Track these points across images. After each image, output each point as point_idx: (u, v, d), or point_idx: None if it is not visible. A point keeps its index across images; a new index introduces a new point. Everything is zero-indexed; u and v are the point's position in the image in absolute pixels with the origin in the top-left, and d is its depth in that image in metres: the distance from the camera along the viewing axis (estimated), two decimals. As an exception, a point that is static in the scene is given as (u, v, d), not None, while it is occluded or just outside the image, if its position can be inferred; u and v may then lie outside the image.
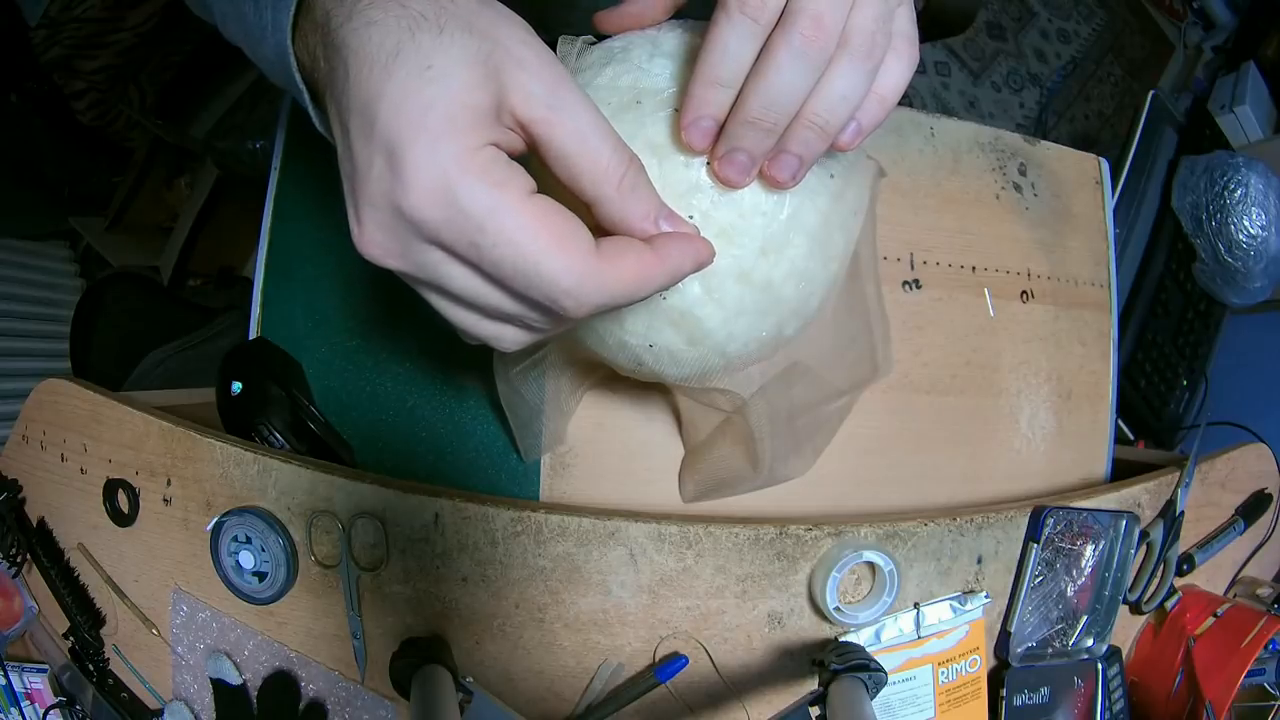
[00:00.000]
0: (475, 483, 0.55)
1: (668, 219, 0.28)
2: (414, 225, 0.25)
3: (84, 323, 1.26)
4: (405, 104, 0.24)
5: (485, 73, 0.25)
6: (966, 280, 0.63)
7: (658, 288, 0.28)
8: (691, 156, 0.32)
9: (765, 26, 0.28)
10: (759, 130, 0.29)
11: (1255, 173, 0.94)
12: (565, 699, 0.50)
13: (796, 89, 0.28)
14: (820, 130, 0.29)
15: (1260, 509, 0.71)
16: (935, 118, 0.64)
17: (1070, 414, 0.67)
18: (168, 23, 1.30)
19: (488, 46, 0.25)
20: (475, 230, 0.24)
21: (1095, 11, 2.15)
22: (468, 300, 0.27)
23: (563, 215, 0.26)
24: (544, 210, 0.25)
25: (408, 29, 0.24)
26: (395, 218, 0.25)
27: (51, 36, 1.21)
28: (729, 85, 0.29)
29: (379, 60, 0.24)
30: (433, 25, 0.25)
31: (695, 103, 0.30)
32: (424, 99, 0.24)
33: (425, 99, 0.24)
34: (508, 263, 0.25)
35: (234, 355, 0.56)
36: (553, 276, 0.25)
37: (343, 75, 0.25)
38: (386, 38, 0.24)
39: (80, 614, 0.56)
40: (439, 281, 0.27)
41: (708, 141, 0.31)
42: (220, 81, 1.58)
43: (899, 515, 0.53)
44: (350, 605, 0.48)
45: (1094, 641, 0.60)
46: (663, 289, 0.28)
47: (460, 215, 0.24)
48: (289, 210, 0.57)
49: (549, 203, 0.26)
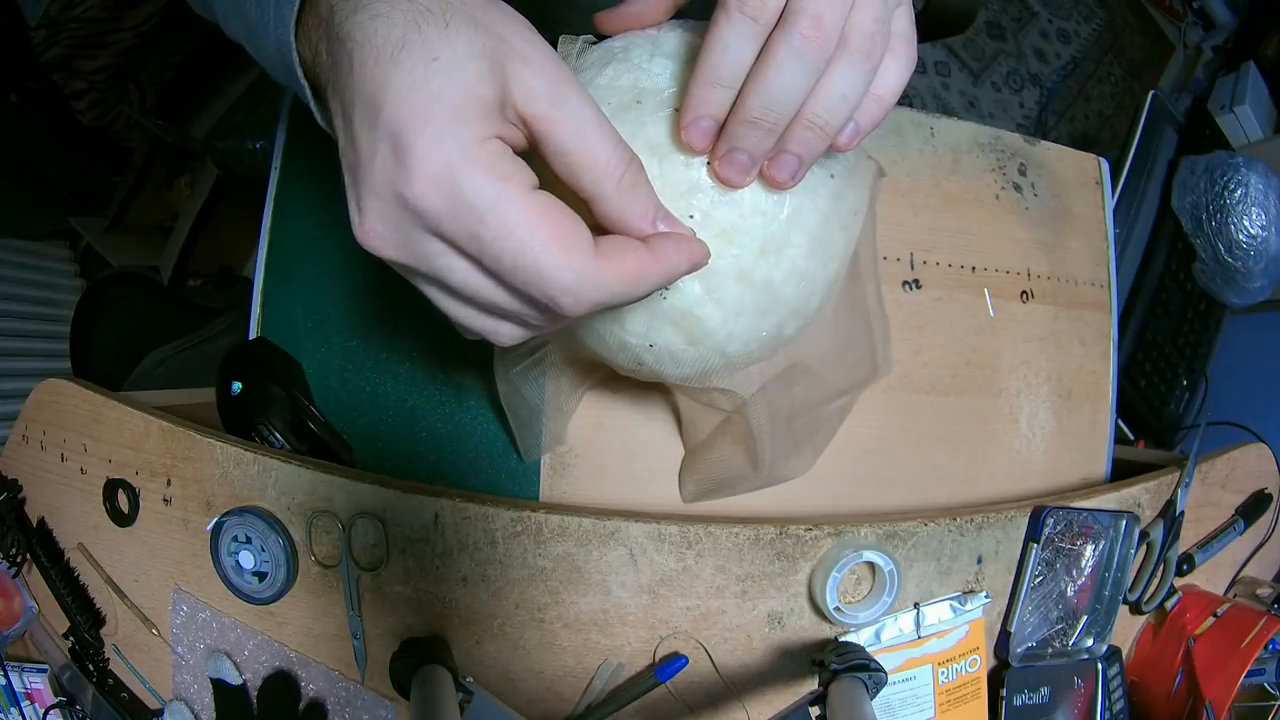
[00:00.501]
0: (475, 483, 0.55)
1: (665, 220, 0.29)
2: (416, 215, 0.25)
3: (84, 323, 1.26)
4: (411, 94, 0.24)
5: (490, 66, 0.25)
6: (966, 280, 0.63)
7: (653, 287, 0.28)
8: (691, 156, 0.32)
9: (765, 26, 0.28)
10: (759, 130, 0.29)
11: (1255, 173, 0.94)
12: (565, 699, 0.50)
13: (796, 89, 0.28)
14: (820, 130, 0.29)
15: (1260, 509, 0.71)
16: (935, 118, 0.64)
17: (1070, 414, 0.67)
18: (168, 23, 1.30)
19: (493, 42, 0.25)
20: (477, 222, 0.24)
21: (1095, 11, 2.15)
22: (466, 294, 0.27)
23: (564, 212, 0.26)
24: (546, 206, 0.25)
25: (414, 22, 0.25)
26: (398, 207, 0.25)
27: (51, 36, 1.21)
28: (729, 85, 0.29)
29: (385, 52, 0.24)
30: (439, 19, 0.25)
31: (695, 102, 0.30)
32: (431, 90, 0.24)
33: (432, 90, 0.24)
34: (508, 257, 0.25)
35: (234, 355, 0.56)
36: (552, 273, 0.25)
37: (347, 67, 0.25)
38: (393, 30, 0.25)
39: (80, 614, 0.56)
40: (438, 274, 0.27)
41: (708, 141, 0.31)
42: (220, 81, 1.58)
43: (899, 515, 0.53)
44: (350, 605, 0.48)
45: (1094, 641, 0.60)
46: (659, 289, 0.29)
47: (463, 206, 0.24)
48: (289, 210, 0.57)
49: (551, 199, 0.26)
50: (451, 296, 0.28)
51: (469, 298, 0.27)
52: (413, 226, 0.25)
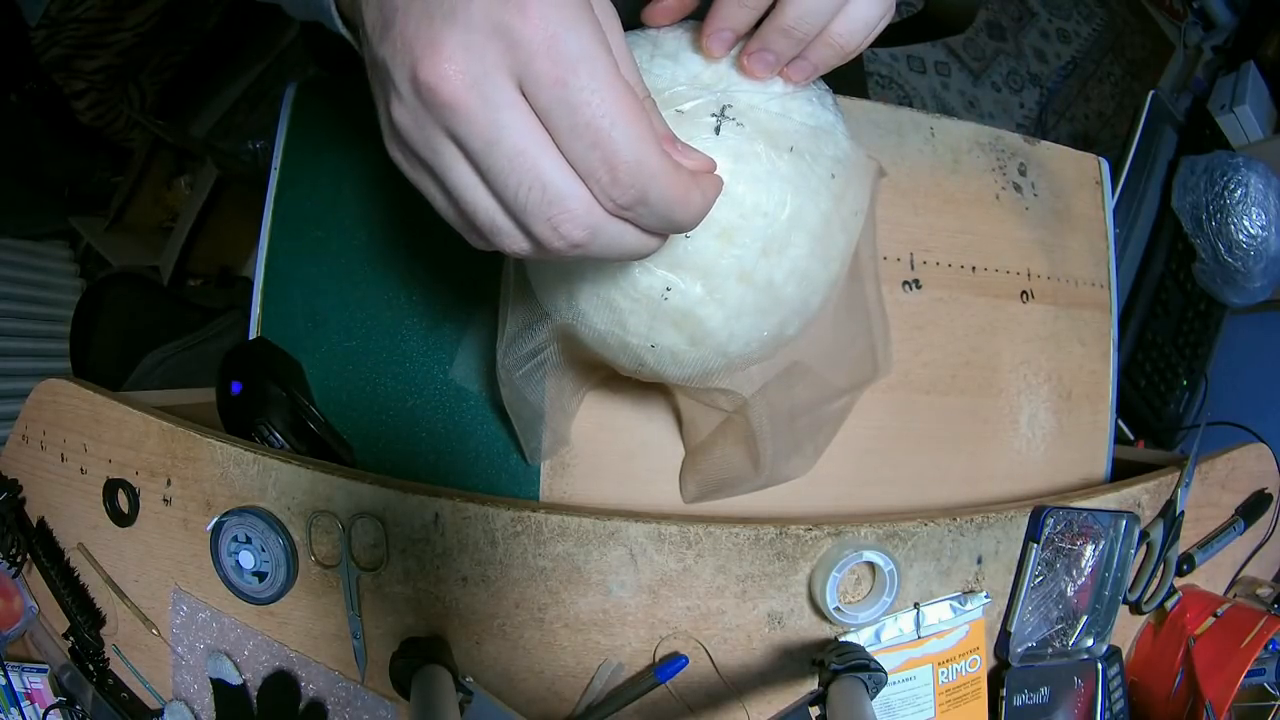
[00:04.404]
0: (475, 483, 0.55)
1: (683, 151, 0.29)
2: (508, 45, 0.24)
3: (84, 323, 1.26)
4: None
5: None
6: (966, 280, 0.63)
7: (692, 216, 0.28)
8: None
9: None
10: (790, 39, 0.33)
11: (1255, 173, 0.94)
12: (565, 699, 0.50)
13: (827, 9, 0.32)
14: (838, 49, 0.33)
15: (1260, 509, 0.71)
16: (935, 118, 0.64)
17: (1070, 414, 0.67)
18: (168, 23, 1.30)
19: None
20: (570, 68, 0.24)
21: (1095, 11, 2.14)
22: (512, 156, 0.25)
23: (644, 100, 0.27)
24: (630, 86, 0.26)
25: None
26: (490, 36, 0.24)
27: (51, 36, 1.21)
28: (754, 7, 0.32)
29: None
30: None
31: (720, 16, 0.33)
32: None
33: None
34: (589, 108, 0.24)
35: (234, 355, 0.56)
36: (626, 139, 0.25)
37: None
38: None
39: (80, 614, 0.56)
40: (496, 126, 0.25)
41: (726, 49, 0.34)
42: (220, 81, 1.58)
43: (899, 515, 0.53)
44: (350, 605, 0.48)
45: (1094, 641, 0.60)
46: (691, 223, 0.28)
47: (560, 50, 0.24)
48: (289, 210, 0.57)
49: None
50: (481, 178, 0.26)
51: (511, 163, 0.26)
52: (496, 66, 0.24)
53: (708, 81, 0.34)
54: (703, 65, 0.34)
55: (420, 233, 0.56)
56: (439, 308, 0.56)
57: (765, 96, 0.34)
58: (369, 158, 0.57)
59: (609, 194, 0.26)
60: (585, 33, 0.24)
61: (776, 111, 0.34)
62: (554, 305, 0.38)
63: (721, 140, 0.32)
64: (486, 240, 0.28)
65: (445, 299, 0.56)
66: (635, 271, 0.34)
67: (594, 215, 0.26)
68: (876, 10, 0.32)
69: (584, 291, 0.36)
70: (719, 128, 0.33)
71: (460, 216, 0.28)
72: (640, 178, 0.25)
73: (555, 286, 0.38)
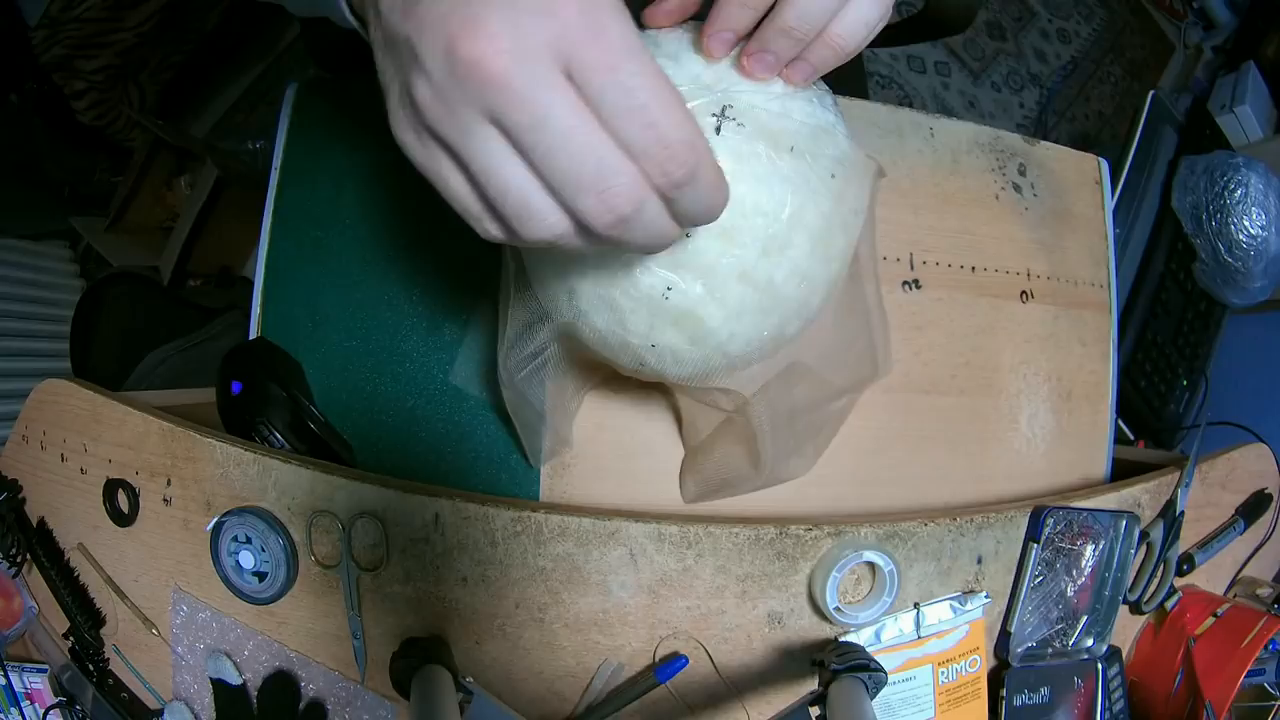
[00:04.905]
0: (475, 483, 0.55)
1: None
2: (554, 29, 0.24)
3: (84, 323, 1.26)
4: None
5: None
6: (966, 280, 0.63)
7: (724, 202, 0.28)
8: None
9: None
10: (790, 39, 0.33)
11: (1255, 173, 0.94)
12: (565, 699, 0.50)
13: (826, 9, 0.32)
14: (837, 50, 0.33)
15: (1260, 509, 0.71)
16: (935, 118, 0.64)
17: (1070, 414, 0.67)
18: (168, 23, 1.30)
19: None
20: (621, 55, 0.25)
21: (1095, 11, 2.14)
22: (560, 139, 0.25)
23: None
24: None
25: None
26: (536, 16, 0.24)
27: (51, 36, 1.21)
28: (754, 8, 0.32)
29: None
30: None
31: (722, 17, 0.33)
32: None
33: None
34: (643, 92, 0.25)
35: (234, 355, 0.56)
36: (678, 120, 0.26)
37: None
38: None
39: (80, 614, 0.56)
40: (545, 104, 0.25)
41: (726, 50, 0.34)
42: (220, 81, 1.58)
43: (899, 515, 0.53)
44: (350, 605, 0.49)
45: (1094, 641, 0.60)
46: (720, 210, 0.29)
47: (609, 38, 0.25)
48: (289, 210, 0.57)
49: None
50: (515, 151, 0.26)
51: (564, 139, 0.25)
52: (543, 47, 0.24)
53: (708, 82, 0.34)
54: (703, 66, 0.34)
55: (421, 232, 0.56)
56: (440, 307, 0.56)
57: (765, 97, 0.34)
58: (369, 158, 0.57)
59: (664, 169, 0.26)
60: (627, 24, 0.25)
61: (777, 112, 0.34)
62: (554, 305, 0.38)
63: (722, 140, 0.32)
64: (507, 225, 0.28)
65: (446, 298, 0.56)
66: (636, 271, 0.34)
67: (643, 190, 0.27)
68: (875, 11, 0.33)
69: (585, 291, 0.36)
70: (720, 128, 0.33)
71: (481, 201, 0.28)
72: (694, 155, 0.26)
73: (556, 286, 0.38)
